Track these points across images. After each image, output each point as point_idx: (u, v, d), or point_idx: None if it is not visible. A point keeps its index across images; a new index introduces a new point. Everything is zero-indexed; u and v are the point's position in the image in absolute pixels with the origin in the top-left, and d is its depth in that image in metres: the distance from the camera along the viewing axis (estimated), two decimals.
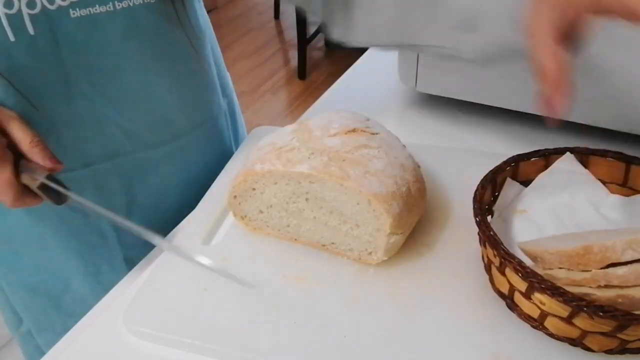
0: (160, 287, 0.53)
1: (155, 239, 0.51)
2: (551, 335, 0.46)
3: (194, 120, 0.67)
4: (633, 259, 0.42)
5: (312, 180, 0.52)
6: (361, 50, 1.01)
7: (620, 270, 0.42)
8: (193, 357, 0.48)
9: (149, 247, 0.62)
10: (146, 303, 0.52)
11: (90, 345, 0.51)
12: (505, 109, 0.78)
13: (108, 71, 0.56)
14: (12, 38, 0.49)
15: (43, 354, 0.75)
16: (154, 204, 0.67)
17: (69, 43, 0.52)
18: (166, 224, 0.62)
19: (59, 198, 0.49)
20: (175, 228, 0.62)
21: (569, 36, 0.40)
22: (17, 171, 0.48)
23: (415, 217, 0.55)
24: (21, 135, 0.48)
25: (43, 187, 0.48)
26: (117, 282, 0.63)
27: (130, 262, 0.65)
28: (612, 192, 0.57)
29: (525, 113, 0.77)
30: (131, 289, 0.54)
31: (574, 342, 0.45)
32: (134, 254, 0.64)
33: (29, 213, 0.61)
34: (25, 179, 0.48)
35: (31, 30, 0.50)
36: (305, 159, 0.52)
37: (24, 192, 0.48)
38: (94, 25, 0.53)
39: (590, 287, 0.42)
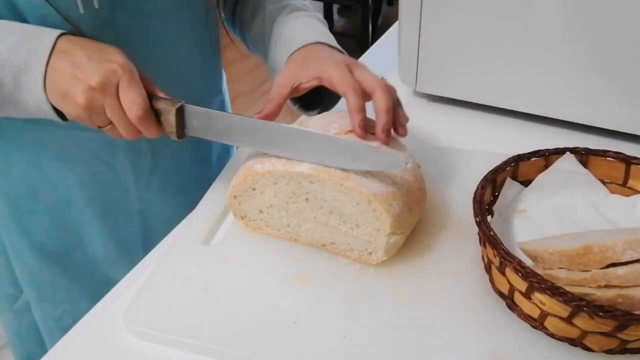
0: (160, 287, 0.53)
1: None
2: (551, 335, 0.46)
3: (209, 93, 0.78)
4: (633, 259, 0.42)
5: (312, 180, 0.52)
6: (361, 50, 1.02)
7: (620, 270, 0.42)
8: (193, 357, 0.48)
9: (164, 202, 0.71)
10: (146, 303, 0.51)
11: (90, 345, 0.50)
12: (505, 109, 0.78)
13: (151, 42, 0.63)
14: (81, 10, 0.55)
15: (37, 331, 0.78)
16: (173, 168, 0.74)
17: (123, 16, 0.59)
18: (183, 189, 0.72)
19: (182, 131, 0.54)
20: (176, 228, 0.62)
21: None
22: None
23: (415, 217, 0.55)
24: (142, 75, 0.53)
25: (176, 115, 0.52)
26: (128, 233, 0.73)
27: (144, 215, 0.74)
28: (612, 192, 0.57)
29: (525, 113, 0.77)
30: (131, 289, 0.54)
31: (573, 342, 0.45)
32: (148, 207, 0.74)
33: (62, 163, 0.67)
34: (163, 103, 0.52)
35: (96, 4, 0.56)
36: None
37: (152, 115, 0.52)
38: (146, 1, 0.61)
39: (590, 287, 0.42)
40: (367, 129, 0.53)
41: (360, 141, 0.53)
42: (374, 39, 2.37)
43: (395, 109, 0.56)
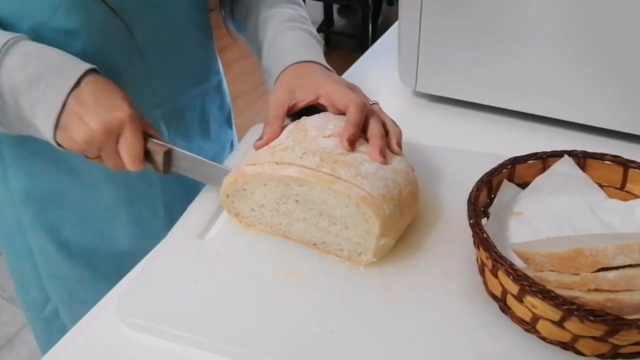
0: (152, 279, 0.53)
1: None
2: (543, 338, 0.45)
3: (207, 73, 0.80)
4: (624, 264, 0.41)
5: (301, 183, 0.51)
6: (361, 50, 1.02)
7: (610, 274, 0.41)
8: (182, 348, 0.48)
9: (185, 193, 0.71)
10: (138, 294, 0.52)
11: (90, 345, 0.50)
12: (505, 110, 0.78)
13: (159, 27, 0.66)
14: None
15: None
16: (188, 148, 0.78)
17: (132, 4, 0.61)
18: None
19: (168, 169, 0.58)
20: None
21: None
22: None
23: (406, 220, 0.54)
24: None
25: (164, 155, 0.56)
26: (155, 228, 0.73)
27: (169, 206, 0.76)
28: (609, 195, 0.56)
29: (525, 114, 0.76)
30: (125, 283, 0.54)
31: (565, 346, 0.44)
32: (172, 198, 0.75)
33: (85, 167, 0.68)
34: (155, 145, 0.56)
35: None
36: (297, 159, 0.52)
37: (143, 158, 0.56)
38: None
39: (580, 290, 0.42)
40: (354, 144, 0.54)
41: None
42: (374, 39, 2.36)
43: (388, 130, 0.58)
